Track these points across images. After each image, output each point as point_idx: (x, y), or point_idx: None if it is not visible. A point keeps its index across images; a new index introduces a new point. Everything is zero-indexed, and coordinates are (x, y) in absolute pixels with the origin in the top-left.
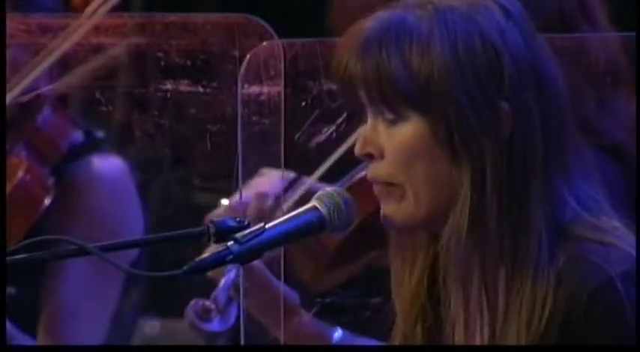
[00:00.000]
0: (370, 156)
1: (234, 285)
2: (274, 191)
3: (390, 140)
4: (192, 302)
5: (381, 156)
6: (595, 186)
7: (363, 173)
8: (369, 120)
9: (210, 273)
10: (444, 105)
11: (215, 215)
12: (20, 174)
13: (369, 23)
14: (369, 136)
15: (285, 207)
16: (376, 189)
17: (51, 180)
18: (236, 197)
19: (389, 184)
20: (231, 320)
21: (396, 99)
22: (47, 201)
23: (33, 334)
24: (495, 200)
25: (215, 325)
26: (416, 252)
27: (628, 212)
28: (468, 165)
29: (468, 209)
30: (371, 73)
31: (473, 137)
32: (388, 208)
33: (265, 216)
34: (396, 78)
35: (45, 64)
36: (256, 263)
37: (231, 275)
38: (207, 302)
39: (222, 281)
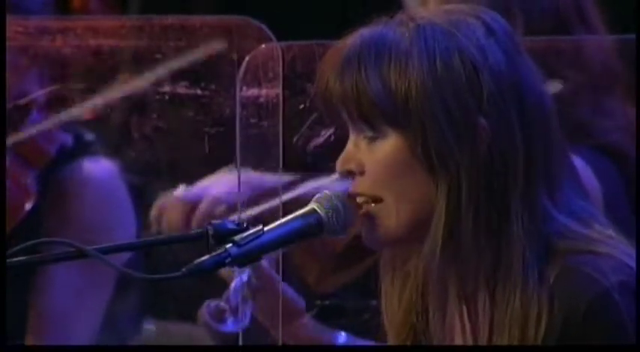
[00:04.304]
0: (351, 174)
1: (247, 286)
2: (229, 199)
3: (370, 156)
4: (206, 304)
5: (362, 173)
6: (587, 196)
7: None
8: (351, 137)
9: (223, 273)
10: (421, 122)
11: (159, 203)
12: None
13: (351, 41)
14: (351, 153)
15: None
16: (357, 202)
17: (35, 184)
18: (188, 191)
19: (369, 199)
20: (246, 319)
21: (374, 117)
22: (28, 206)
23: (21, 335)
24: (471, 215)
25: (229, 325)
26: (406, 271)
27: (626, 213)
28: (445, 180)
29: (442, 224)
30: (350, 90)
31: (450, 153)
32: (368, 225)
33: (207, 220)
34: (374, 95)
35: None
36: (264, 263)
37: (244, 276)
38: (221, 303)
39: (235, 282)
